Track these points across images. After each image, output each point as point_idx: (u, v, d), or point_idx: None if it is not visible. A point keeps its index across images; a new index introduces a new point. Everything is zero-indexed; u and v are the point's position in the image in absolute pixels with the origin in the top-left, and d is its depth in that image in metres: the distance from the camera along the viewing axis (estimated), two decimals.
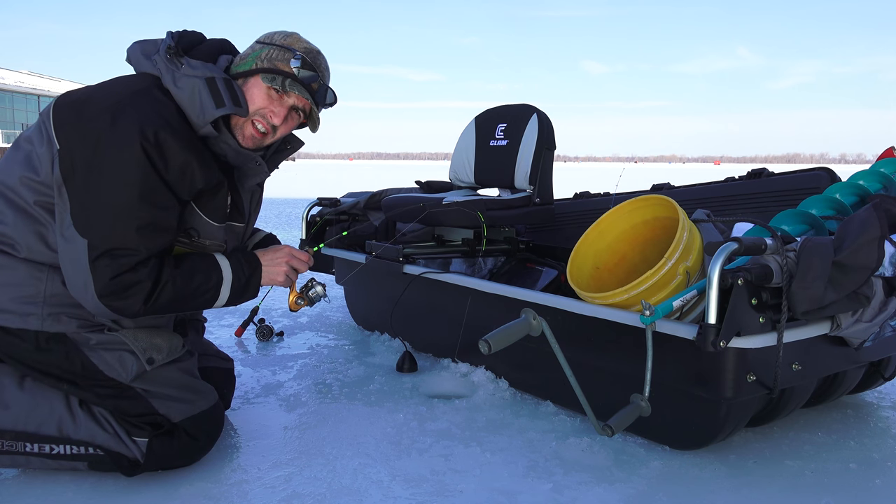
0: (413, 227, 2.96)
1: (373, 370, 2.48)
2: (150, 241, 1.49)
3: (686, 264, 1.70)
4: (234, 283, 1.64)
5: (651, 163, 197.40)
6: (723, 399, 1.65)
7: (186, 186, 1.54)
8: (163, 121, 1.49)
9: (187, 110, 1.55)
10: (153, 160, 1.47)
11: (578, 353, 1.84)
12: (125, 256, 1.46)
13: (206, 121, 1.54)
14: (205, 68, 1.57)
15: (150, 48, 1.62)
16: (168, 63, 1.56)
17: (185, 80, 1.54)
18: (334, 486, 1.61)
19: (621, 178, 3.25)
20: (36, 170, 1.52)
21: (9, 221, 1.53)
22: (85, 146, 1.46)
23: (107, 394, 1.59)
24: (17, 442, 1.55)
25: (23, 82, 55.64)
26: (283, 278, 1.76)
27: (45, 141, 1.52)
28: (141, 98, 1.51)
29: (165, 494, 1.56)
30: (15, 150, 1.58)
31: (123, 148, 1.45)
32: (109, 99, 1.50)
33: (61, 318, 1.54)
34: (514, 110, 2.91)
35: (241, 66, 1.63)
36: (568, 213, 3.12)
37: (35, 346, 1.54)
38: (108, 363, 1.57)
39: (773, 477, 1.69)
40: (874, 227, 1.55)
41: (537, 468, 1.71)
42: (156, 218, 1.49)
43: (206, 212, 1.62)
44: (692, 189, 2.71)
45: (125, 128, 1.46)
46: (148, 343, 1.62)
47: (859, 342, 1.74)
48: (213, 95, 1.54)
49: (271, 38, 1.65)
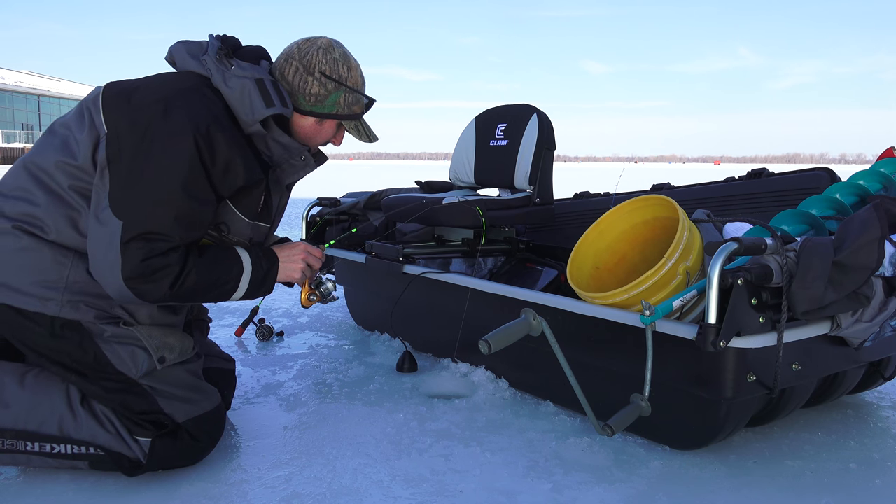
0: (413, 227, 2.97)
1: (373, 370, 2.48)
2: (185, 231, 1.52)
3: (686, 264, 1.70)
4: (253, 276, 1.67)
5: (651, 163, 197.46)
6: (723, 399, 1.65)
7: (228, 184, 1.59)
8: (214, 117, 1.55)
9: (236, 109, 1.61)
10: (202, 154, 1.52)
11: (578, 353, 1.84)
12: (159, 241, 1.49)
13: (255, 119, 1.61)
14: (253, 70, 1.63)
15: (196, 49, 1.68)
16: (218, 63, 1.62)
17: (235, 80, 1.61)
18: (334, 486, 1.61)
19: (621, 178, 3.25)
20: (73, 154, 1.55)
21: (40, 203, 1.55)
22: (134, 131, 1.51)
23: (114, 388, 1.59)
24: (17, 441, 1.55)
25: (23, 82, 55.64)
26: (300, 274, 1.79)
27: (85, 126, 1.56)
28: (193, 94, 1.58)
29: (165, 494, 1.56)
30: (51, 136, 1.61)
31: (174, 138, 1.50)
32: (162, 91, 1.57)
33: (80, 306, 1.56)
34: (514, 110, 2.91)
35: (318, 108, 1.71)
36: (568, 213, 3.12)
37: (50, 332, 1.55)
38: (119, 357, 1.59)
39: (773, 477, 1.69)
40: (874, 227, 1.55)
41: (537, 468, 1.71)
42: (194, 210, 1.53)
43: (239, 207, 1.67)
44: (692, 189, 2.71)
45: (178, 119, 1.51)
46: (161, 342, 1.64)
47: (859, 342, 1.74)
48: (262, 95, 1.60)
49: (338, 73, 1.70)
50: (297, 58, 1.69)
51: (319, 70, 1.69)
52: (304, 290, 1.93)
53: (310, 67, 1.68)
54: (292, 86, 1.69)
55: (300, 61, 1.69)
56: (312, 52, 1.69)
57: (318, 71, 1.69)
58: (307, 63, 1.68)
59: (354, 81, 1.73)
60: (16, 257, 1.53)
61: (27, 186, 1.57)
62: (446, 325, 2.49)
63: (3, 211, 1.56)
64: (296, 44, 1.72)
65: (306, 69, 1.68)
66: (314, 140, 1.77)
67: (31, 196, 1.56)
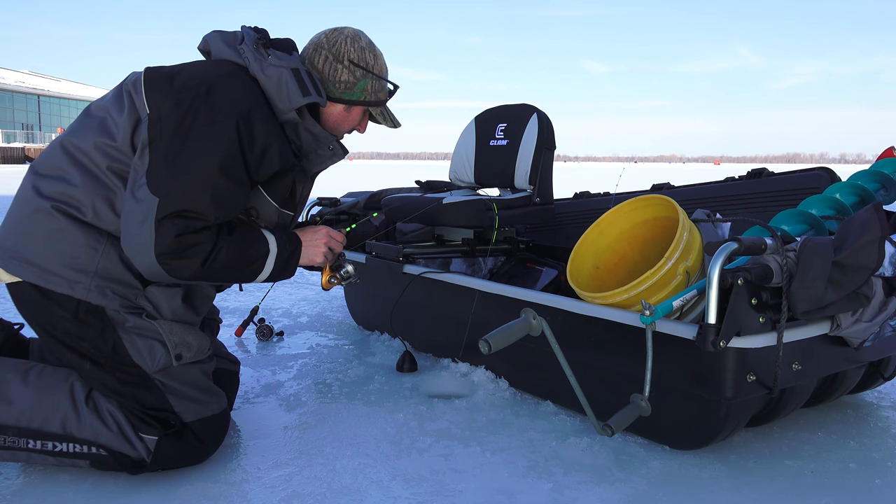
0: (413, 227, 2.96)
1: (373, 370, 2.48)
2: (219, 211, 1.54)
3: (686, 264, 1.70)
4: (279, 257, 1.69)
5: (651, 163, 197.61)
6: (723, 399, 1.65)
7: (263, 169, 1.62)
8: (254, 102, 1.60)
9: (272, 96, 1.65)
10: (241, 137, 1.55)
11: (578, 353, 1.84)
12: (194, 219, 1.51)
13: (291, 107, 1.65)
14: (289, 60, 1.67)
15: (231, 38, 1.72)
16: (256, 53, 1.66)
17: (272, 69, 1.64)
18: (334, 486, 1.61)
19: (621, 178, 3.26)
20: (112, 135, 1.58)
21: (77, 183, 1.57)
22: (176, 111, 1.54)
23: (129, 380, 1.60)
24: (19, 438, 1.55)
25: (23, 82, 55.64)
26: (322, 258, 1.81)
27: (125, 109, 1.59)
28: (234, 79, 1.62)
29: (165, 494, 1.56)
30: (88, 117, 1.64)
31: (216, 120, 1.54)
32: (205, 74, 1.61)
33: (107, 292, 1.57)
34: (514, 110, 2.91)
35: (347, 95, 1.76)
36: (568, 213, 3.12)
37: (73, 316, 1.56)
38: (138, 349, 1.60)
39: (773, 477, 1.69)
40: (874, 227, 1.55)
41: (537, 468, 1.71)
42: (229, 190, 1.55)
43: (270, 193, 1.70)
44: (692, 189, 2.71)
45: (220, 102, 1.55)
46: (181, 339, 1.65)
47: (859, 342, 1.74)
48: (299, 84, 1.65)
49: (365, 61, 1.76)
50: (327, 47, 1.74)
51: (348, 58, 1.74)
52: (325, 273, 1.93)
53: (339, 56, 1.74)
54: (322, 74, 1.74)
55: (329, 50, 1.74)
56: (341, 41, 1.75)
57: (346, 59, 1.74)
58: (336, 51, 1.74)
59: (380, 69, 1.80)
60: (49, 238, 1.55)
61: (64, 166, 1.59)
62: (446, 324, 2.49)
63: (41, 190, 1.58)
64: (323, 34, 1.78)
65: (335, 57, 1.74)
66: (342, 127, 1.81)
67: (67, 176, 1.58)
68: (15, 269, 1.56)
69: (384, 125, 1.90)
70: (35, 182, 1.60)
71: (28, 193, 1.60)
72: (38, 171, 1.62)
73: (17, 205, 1.61)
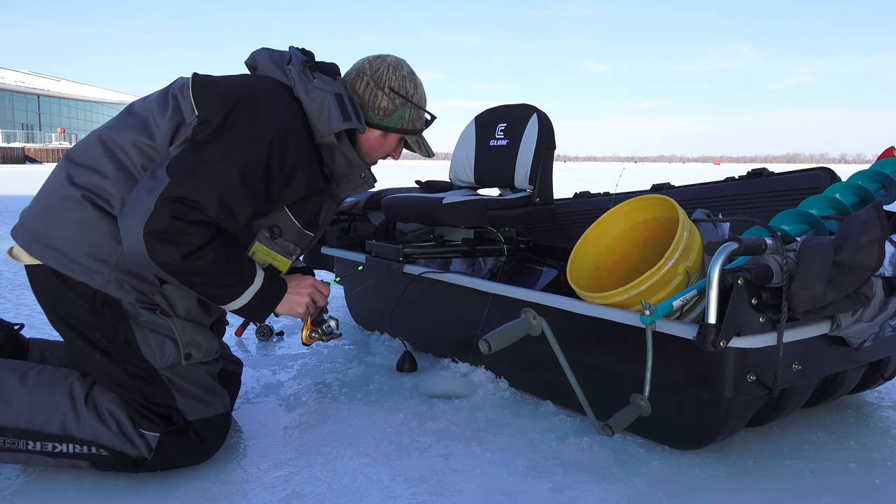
0: (413, 227, 2.96)
1: (373, 370, 2.48)
2: (222, 213, 1.54)
3: (686, 264, 1.70)
4: (260, 292, 1.66)
5: (651, 163, 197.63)
6: (723, 399, 1.65)
7: (288, 191, 1.65)
8: (293, 124, 1.63)
9: (314, 119, 1.69)
10: (272, 155, 1.58)
11: (578, 353, 1.84)
12: (194, 209, 1.50)
13: (331, 131, 1.69)
14: (333, 84, 1.72)
15: (278, 58, 1.75)
16: (302, 74, 1.70)
17: (316, 91, 1.69)
18: (334, 486, 1.61)
19: (621, 178, 3.25)
20: (152, 135, 1.61)
21: (110, 176, 1.59)
22: (222, 111, 1.59)
23: (136, 374, 1.61)
24: (19, 440, 1.55)
25: (23, 82, 55.65)
26: (304, 309, 1.79)
27: (168, 111, 1.62)
28: (278, 97, 1.66)
29: (165, 494, 1.56)
30: (130, 115, 1.67)
31: (254, 130, 1.58)
32: (251, 85, 1.66)
33: (125, 285, 1.59)
34: (514, 110, 2.91)
35: (384, 121, 1.82)
36: (568, 213, 3.12)
37: (90, 306, 1.58)
38: (149, 344, 1.61)
39: (773, 477, 1.69)
40: (875, 227, 1.55)
41: (537, 468, 1.71)
42: (240, 198, 1.56)
43: (294, 213, 1.74)
44: (692, 189, 2.71)
45: (262, 116, 1.60)
46: (192, 339, 1.66)
47: (859, 342, 1.74)
48: (340, 110, 1.69)
49: (405, 89, 1.81)
50: (369, 73, 1.80)
51: (389, 86, 1.80)
52: (306, 328, 1.93)
53: (380, 83, 1.79)
54: (363, 99, 1.79)
55: (371, 76, 1.80)
56: (383, 69, 1.80)
57: (387, 86, 1.80)
58: (378, 78, 1.79)
59: (419, 99, 1.85)
60: (76, 226, 1.57)
61: (100, 159, 1.61)
62: (446, 324, 2.49)
63: (74, 178, 1.60)
64: (367, 60, 1.83)
65: (377, 84, 1.79)
66: (377, 152, 1.86)
67: (102, 168, 1.60)
68: (37, 253, 1.58)
69: (418, 153, 1.94)
70: (69, 170, 1.62)
71: (61, 181, 1.62)
72: (73, 160, 1.64)
73: (47, 190, 1.64)
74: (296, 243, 1.78)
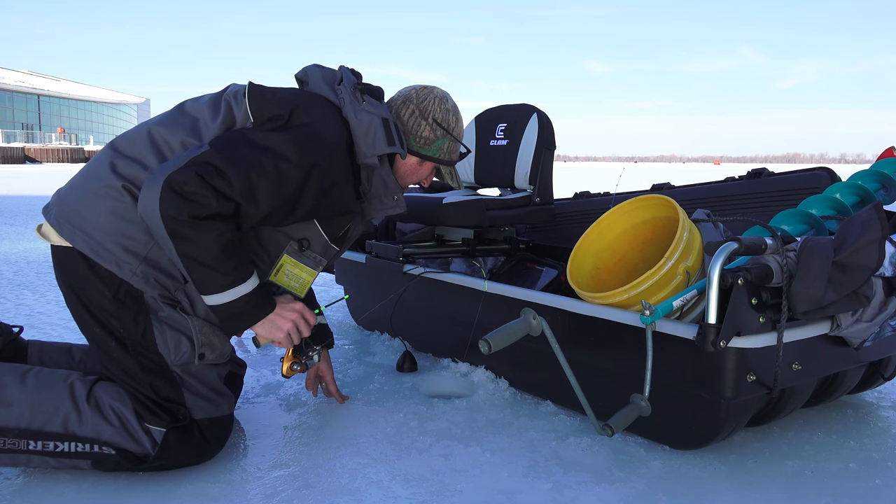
0: (413, 227, 2.96)
1: (373, 370, 2.48)
2: (246, 192, 1.55)
3: (686, 264, 1.70)
4: (247, 297, 1.61)
5: (651, 163, 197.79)
6: (723, 399, 1.65)
7: (321, 206, 1.70)
8: (342, 141, 1.69)
9: (359, 139, 1.73)
10: (316, 165, 1.62)
11: (578, 353, 1.84)
12: (221, 180, 1.52)
13: (374, 153, 1.73)
14: (381, 108, 1.77)
15: (330, 77, 1.81)
16: (352, 96, 1.75)
17: (364, 114, 1.73)
18: (334, 486, 1.61)
19: (621, 178, 3.25)
20: (200, 137, 1.65)
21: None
22: (277, 110, 1.65)
23: (149, 367, 1.62)
24: (19, 440, 1.55)
25: (23, 82, 55.65)
26: (284, 335, 1.71)
27: (220, 116, 1.67)
28: (332, 115, 1.71)
29: (165, 494, 1.56)
30: (181, 115, 1.71)
31: (306, 135, 1.62)
32: (306, 96, 1.72)
33: (150, 279, 1.61)
34: (514, 110, 2.91)
35: (424, 150, 1.87)
36: (568, 213, 3.12)
37: (113, 295, 1.60)
38: (165, 340, 1.62)
39: (773, 477, 1.69)
40: (875, 227, 1.55)
41: (537, 468, 1.71)
42: (266, 184, 1.56)
43: (324, 227, 1.79)
44: (692, 189, 2.71)
45: (317, 126, 1.65)
46: (208, 339, 1.67)
47: (859, 342, 1.74)
48: (386, 134, 1.73)
49: (447, 122, 1.87)
50: (415, 102, 1.85)
51: (433, 116, 1.85)
52: (287, 359, 1.91)
53: (425, 113, 1.85)
54: (406, 126, 1.85)
55: (417, 105, 1.85)
56: (430, 100, 1.86)
57: (431, 117, 1.85)
58: (423, 108, 1.85)
59: (459, 132, 1.91)
60: (111, 215, 1.59)
61: (145, 153, 1.64)
62: (447, 325, 2.49)
63: (117, 168, 1.62)
64: (413, 89, 1.88)
65: (421, 114, 1.85)
66: (411, 177, 1.91)
67: (147, 162, 1.62)
68: (68, 235, 1.59)
69: (449, 183, 2.01)
70: (113, 159, 1.64)
71: (103, 168, 1.63)
72: (118, 149, 1.66)
73: (88, 175, 1.65)
74: (322, 255, 1.83)
